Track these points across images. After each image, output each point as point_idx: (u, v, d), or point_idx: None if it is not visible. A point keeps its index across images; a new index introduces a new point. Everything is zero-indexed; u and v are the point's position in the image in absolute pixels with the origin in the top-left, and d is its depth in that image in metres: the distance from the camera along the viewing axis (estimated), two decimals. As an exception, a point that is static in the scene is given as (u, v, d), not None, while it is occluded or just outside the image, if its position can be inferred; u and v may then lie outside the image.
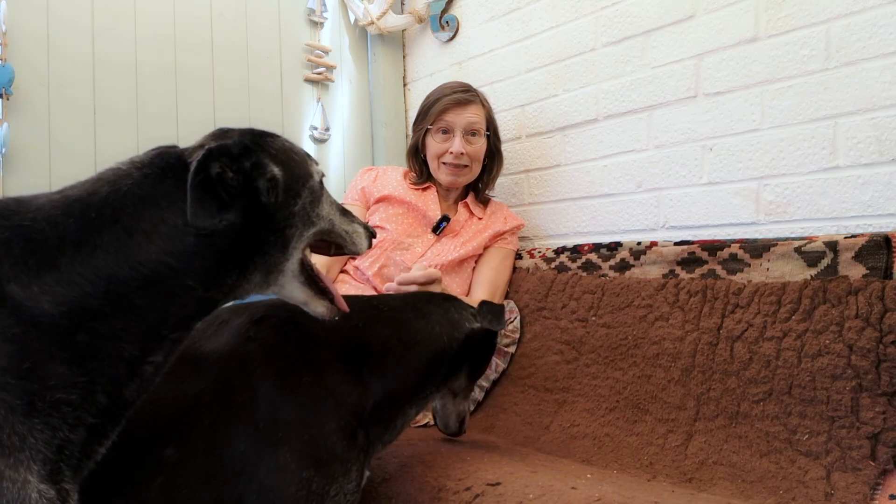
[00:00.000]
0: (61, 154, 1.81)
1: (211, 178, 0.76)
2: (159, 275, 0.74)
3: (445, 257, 1.82)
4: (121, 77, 1.94)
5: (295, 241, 0.87)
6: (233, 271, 0.81)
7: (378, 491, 1.22)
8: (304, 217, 0.88)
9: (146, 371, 0.76)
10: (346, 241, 0.98)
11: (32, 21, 1.79)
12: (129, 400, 0.76)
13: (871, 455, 1.13)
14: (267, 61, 2.26)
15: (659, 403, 1.43)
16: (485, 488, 1.08)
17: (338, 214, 0.97)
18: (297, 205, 0.86)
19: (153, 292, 0.74)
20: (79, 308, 0.70)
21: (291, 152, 0.89)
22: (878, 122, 1.38)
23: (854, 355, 1.20)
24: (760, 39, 1.55)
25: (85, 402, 0.70)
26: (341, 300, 0.96)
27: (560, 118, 2.00)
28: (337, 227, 0.96)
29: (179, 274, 0.76)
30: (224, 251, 0.79)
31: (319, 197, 0.92)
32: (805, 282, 1.33)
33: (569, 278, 1.78)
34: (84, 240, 0.72)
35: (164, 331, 0.76)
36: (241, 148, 0.80)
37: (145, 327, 0.74)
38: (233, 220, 0.78)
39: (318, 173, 0.93)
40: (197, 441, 0.88)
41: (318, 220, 0.91)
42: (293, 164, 0.87)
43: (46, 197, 0.77)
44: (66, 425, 0.68)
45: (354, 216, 1.02)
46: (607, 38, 1.87)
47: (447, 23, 2.37)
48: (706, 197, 1.66)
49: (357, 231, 1.00)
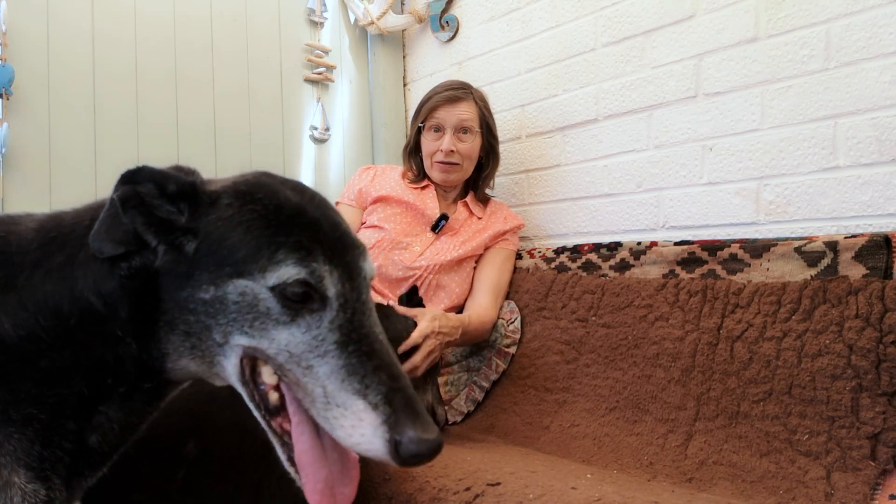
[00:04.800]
0: (61, 154, 1.81)
1: (137, 197, 0.67)
2: (92, 314, 0.69)
3: (444, 256, 1.82)
4: (120, 77, 1.93)
5: (226, 337, 0.68)
6: (159, 338, 0.70)
7: (378, 491, 1.22)
8: (240, 317, 0.67)
9: (101, 420, 0.71)
10: (317, 414, 0.66)
11: (32, 21, 1.78)
12: (97, 449, 0.71)
13: (871, 455, 1.13)
14: (267, 61, 2.26)
15: (659, 403, 1.43)
16: (485, 488, 1.08)
17: (340, 367, 0.66)
18: (229, 292, 0.67)
19: (91, 331, 0.69)
20: (35, 335, 0.67)
21: (260, 219, 0.68)
22: (878, 122, 1.38)
23: (854, 355, 1.20)
24: (760, 39, 1.55)
25: (54, 423, 0.67)
26: (301, 443, 0.70)
27: (560, 118, 2.00)
28: (303, 380, 0.66)
29: (108, 320, 0.69)
30: (146, 306, 0.69)
31: (272, 311, 0.66)
32: (805, 282, 1.33)
33: (569, 278, 1.78)
34: (39, 262, 0.70)
35: (108, 379, 0.70)
36: (181, 186, 0.68)
37: (91, 368, 0.69)
38: (149, 263, 0.69)
39: (296, 274, 0.66)
40: (216, 434, 0.90)
41: (259, 337, 0.67)
42: (239, 237, 0.67)
43: (39, 215, 0.75)
44: (39, 441, 0.67)
45: (380, 375, 0.66)
46: (607, 38, 1.87)
47: (447, 23, 2.37)
48: (706, 197, 1.66)
49: (351, 414, 0.64)
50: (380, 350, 0.68)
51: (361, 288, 0.71)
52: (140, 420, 0.76)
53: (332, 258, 0.68)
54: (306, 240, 0.68)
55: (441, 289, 1.81)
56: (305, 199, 0.73)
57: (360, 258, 0.73)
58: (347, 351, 0.66)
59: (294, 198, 0.72)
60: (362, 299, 0.70)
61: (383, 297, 1.78)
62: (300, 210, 0.71)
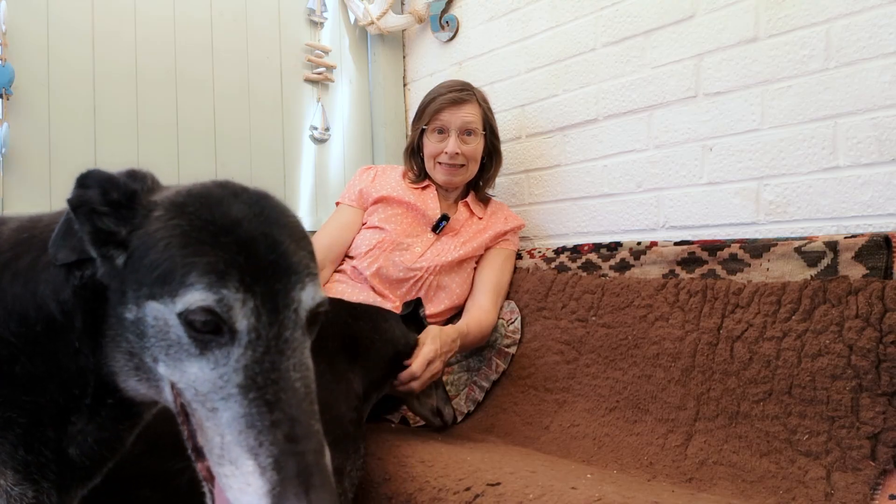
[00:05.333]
0: (61, 154, 1.81)
1: (87, 203, 0.64)
2: (54, 322, 0.66)
3: (445, 257, 1.82)
4: (120, 77, 1.93)
5: (155, 362, 0.63)
6: (107, 354, 0.66)
7: (378, 491, 1.22)
8: (157, 343, 0.61)
9: (74, 431, 0.69)
10: (212, 465, 0.60)
11: (32, 22, 1.78)
12: (77, 462, 0.69)
13: (871, 455, 1.13)
14: (267, 61, 2.26)
15: (659, 403, 1.43)
16: (485, 488, 1.08)
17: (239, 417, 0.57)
18: (146, 314, 0.61)
19: (54, 339, 0.66)
20: (5, 340, 0.65)
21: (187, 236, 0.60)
22: (878, 122, 1.38)
23: (854, 355, 1.20)
24: (760, 39, 1.55)
25: (34, 430, 0.66)
26: (221, 500, 0.62)
27: (560, 118, 2.00)
28: (205, 424, 0.59)
29: (67, 330, 0.65)
30: (95, 319, 0.65)
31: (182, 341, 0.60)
32: (805, 282, 1.33)
33: (569, 278, 1.78)
34: (8, 264, 0.67)
35: (74, 389, 0.67)
36: (122, 194, 0.63)
37: (60, 377, 0.66)
38: (96, 274, 0.65)
39: (198, 301, 0.58)
40: None
41: (172, 367, 0.61)
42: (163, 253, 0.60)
43: (25, 216, 0.73)
44: (23, 446, 0.65)
45: (276, 432, 0.57)
46: (607, 38, 1.87)
47: (447, 23, 2.37)
48: (706, 197, 1.66)
49: (241, 475, 0.56)
50: (286, 400, 0.58)
51: (286, 322, 0.61)
52: (115, 437, 0.72)
53: (252, 285, 0.59)
54: (222, 262, 0.58)
55: (441, 289, 1.80)
56: (250, 214, 0.63)
57: (296, 286, 0.62)
58: (248, 398, 0.57)
59: (236, 212, 0.62)
60: (284, 336, 0.60)
61: (384, 297, 1.78)
62: (232, 226, 0.61)
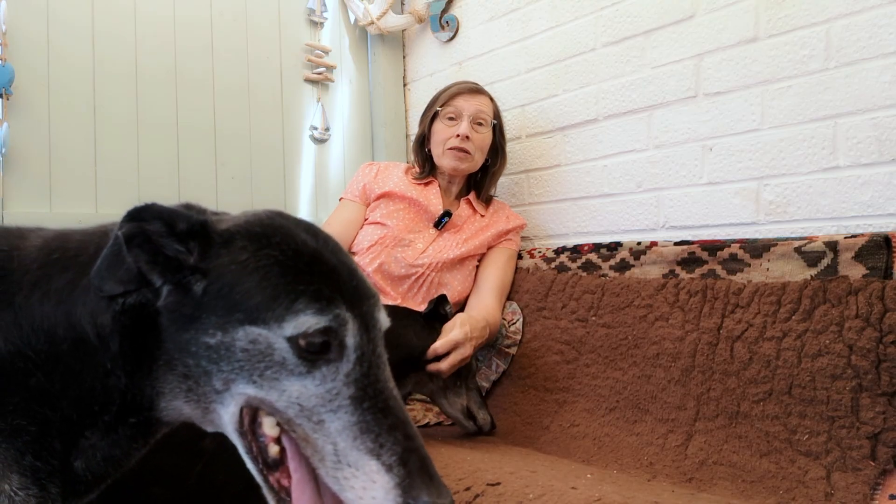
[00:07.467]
0: (61, 154, 1.81)
1: (143, 235, 0.66)
2: (85, 343, 0.68)
3: (447, 254, 1.82)
4: (120, 77, 1.93)
5: (227, 385, 0.66)
6: (156, 376, 0.69)
7: (378, 491, 1.23)
8: (249, 365, 0.65)
9: (85, 446, 0.70)
10: (326, 473, 0.65)
11: (32, 21, 1.78)
12: (81, 475, 0.71)
13: (871, 455, 1.13)
14: (267, 61, 2.26)
15: (659, 403, 1.43)
16: (485, 488, 1.08)
17: (351, 424, 0.64)
18: (238, 339, 0.65)
19: (82, 359, 0.68)
20: (24, 354, 0.67)
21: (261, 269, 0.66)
22: (878, 122, 1.38)
23: (854, 355, 1.20)
24: (760, 39, 1.55)
25: (42, 439, 0.67)
26: (301, 501, 0.67)
27: (560, 118, 2.00)
28: (312, 436, 0.64)
29: (99, 351, 0.68)
30: (143, 343, 0.68)
31: (284, 360, 0.64)
32: (805, 282, 1.33)
33: (569, 278, 1.78)
34: (38, 283, 0.69)
35: (94, 406, 0.69)
36: (191, 225, 0.67)
37: (79, 393, 0.68)
38: (146, 301, 0.68)
39: (313, 325, 0.63)
40: None
41: (268, 388, 0.64)
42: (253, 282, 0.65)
43: (47, 232, 0.74)
44: (31, 453, 0.66)
45: (395, 434, 0.64)
46: (607, 38, 1.87)
47: (447, 23, 2.37)
48: (706, 197, 1.66)
49: (363, 475, 0.62)
50: (395, 407, 0.66)
51: (377, 340, 0.69)
52: (124, 455, 0.74)
53: (352, 308, 0.67)
54: (327, 289, 0.66)
55: (443, 286, 1.81)
56: (321, 244, 0.70)
57: (375, 308, 0.70)
58: (362, 407, 0.64)
59: (311, 242, 0.70)
60: (378, 352, 0.68)
61: (385, 294, 1.78)
62: (318, 256, 0.69)
